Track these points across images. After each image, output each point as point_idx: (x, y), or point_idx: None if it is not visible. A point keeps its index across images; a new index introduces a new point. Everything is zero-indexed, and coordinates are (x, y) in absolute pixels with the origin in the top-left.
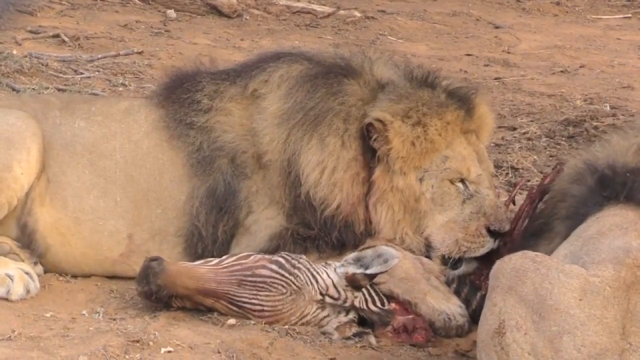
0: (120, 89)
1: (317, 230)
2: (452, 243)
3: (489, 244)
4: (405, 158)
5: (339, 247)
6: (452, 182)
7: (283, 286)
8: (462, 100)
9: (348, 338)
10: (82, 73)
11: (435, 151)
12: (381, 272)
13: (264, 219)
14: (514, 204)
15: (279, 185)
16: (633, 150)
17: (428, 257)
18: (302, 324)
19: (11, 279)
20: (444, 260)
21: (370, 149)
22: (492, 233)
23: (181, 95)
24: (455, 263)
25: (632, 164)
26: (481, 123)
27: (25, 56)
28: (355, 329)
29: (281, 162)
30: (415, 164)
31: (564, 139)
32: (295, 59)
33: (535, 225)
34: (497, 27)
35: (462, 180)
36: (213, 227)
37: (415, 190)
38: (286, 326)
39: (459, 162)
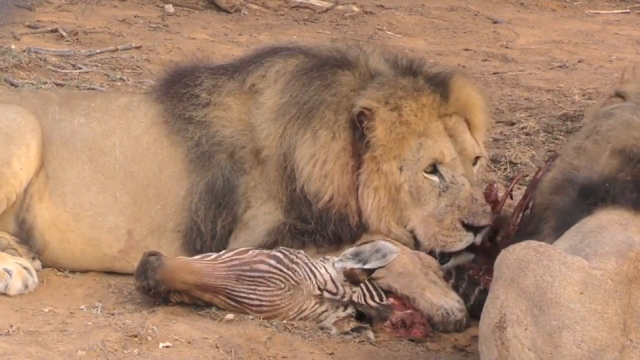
0: (119, 83)
1: (314, 225)
2: (431, 237)
3: (468, 237)
4: (385, 146)
5: (336, 241)
6: (426, 174)
7: (281, 281)
8: (439, 84)
9: (346, 333)
10: (80, 68)
11: (411, 134)
12: (379, 267)
13: (262, 213)
14: (511, 198)
15: (276, 180)
16: (606, 156)
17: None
18: (301, 319)
19: (9, 274)
20: (432, 254)
21: (361, 137)
22: (468, 227)
23: (180, 90)
24: (443, 257)
25: (607, 170)
26: (461, 105)
27: (24, 51)
28: (353, 324)
29: (278, 157)
30: (394, 153)
31: (562, 133)
32: (291, 53)
33: (527, 230)
34: (495, 22)
35: (437, 168)
36: (212, 223)
37: (396, 178)
38: (284, 321)
39: (432, 146)
